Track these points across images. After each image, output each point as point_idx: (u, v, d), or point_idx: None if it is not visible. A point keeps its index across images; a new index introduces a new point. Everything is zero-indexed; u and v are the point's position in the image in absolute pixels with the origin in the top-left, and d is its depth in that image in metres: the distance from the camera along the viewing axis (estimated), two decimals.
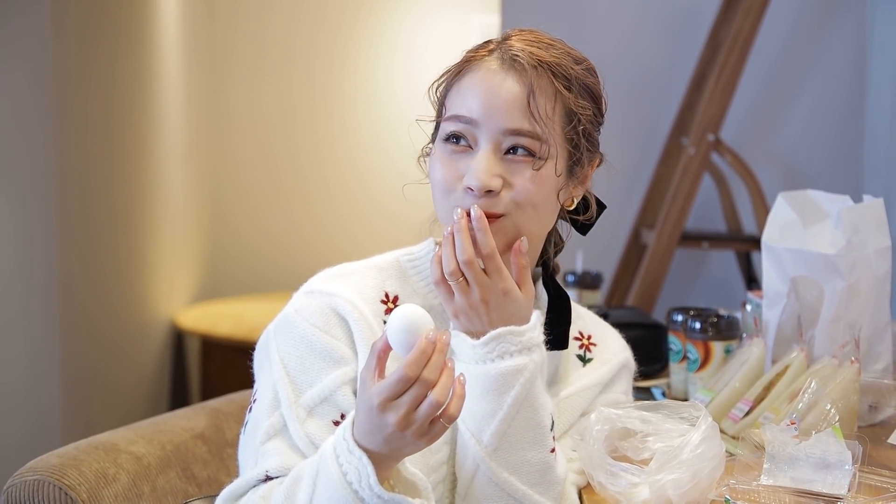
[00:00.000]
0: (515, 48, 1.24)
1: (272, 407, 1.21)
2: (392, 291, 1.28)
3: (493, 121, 1.21)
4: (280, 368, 1.22)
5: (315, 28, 4.73)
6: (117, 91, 3.45)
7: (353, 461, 1.09)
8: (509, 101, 1.21)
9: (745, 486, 1.30)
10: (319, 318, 1.24)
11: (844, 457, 1.30)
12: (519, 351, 1.21)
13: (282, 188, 4.80)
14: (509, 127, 1.21)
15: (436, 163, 1.24)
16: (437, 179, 1.23)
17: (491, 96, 1.21)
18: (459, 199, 1.22)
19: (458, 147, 1.22)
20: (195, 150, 4.47)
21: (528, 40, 1.26)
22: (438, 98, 1.28)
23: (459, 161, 1.22)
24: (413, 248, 1.33)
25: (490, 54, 1.25)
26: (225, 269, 4.80)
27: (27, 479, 1.34)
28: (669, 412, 1.32)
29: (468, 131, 1.22)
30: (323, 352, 1.22)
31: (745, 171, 2.58)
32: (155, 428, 1.54)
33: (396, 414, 1.05)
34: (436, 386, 1.06)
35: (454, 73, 1.26)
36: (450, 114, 1.23)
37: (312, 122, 4.78)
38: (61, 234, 2.94)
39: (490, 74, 1.23)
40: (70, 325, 3.01)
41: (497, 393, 1.20)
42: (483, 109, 1.21)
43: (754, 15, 2.49)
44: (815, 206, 1.71)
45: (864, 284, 1.64)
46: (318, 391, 1.21)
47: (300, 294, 1.28)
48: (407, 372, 1.05)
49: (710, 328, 1.74)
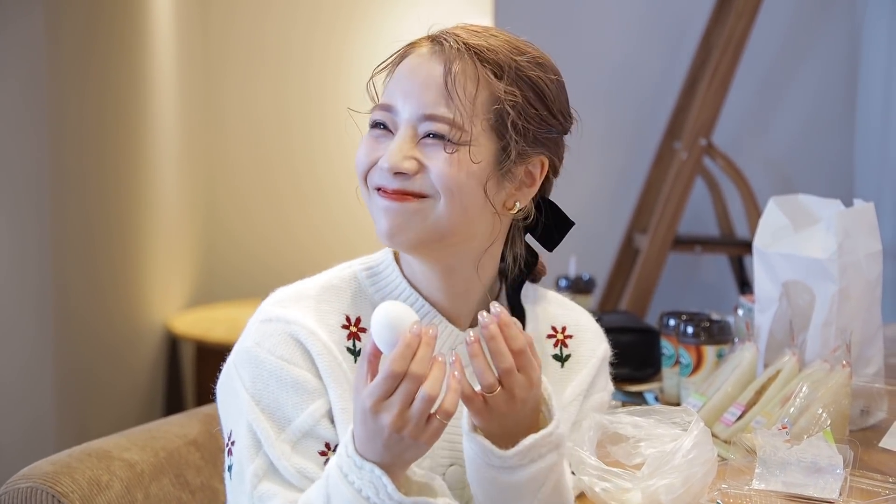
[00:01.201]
0: (447, 35, 1.23)
1: (254, 448, 1.17)
2: (353, 314, 1.23)
3: (410, 106, 1.19)
4: (253, 407, 1.17)
5: (309, 31, 4.73)
6: (111, 95, 3.45)
7: (365, 475, 1.06)
8: (426, 84, 1.18)
9: (736, 490, 1.30)
10: (283, 348, 1.19)
11: (836, 461, 1.30)
12: (549, 451, 1.14)
13: (276, 192, 4.79)
14: (424, 112, 1.18)
15: (360, 147, 1.24)
16: (356, 161, 1.23)
17: (410, 81, 1.20)
18: (373, 177, 1.21)
19: (381, 132, 1.22)
20: (189, 153, 4.47)
21: (468, 30, 1.24)
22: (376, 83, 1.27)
23: (376, 144, 1.22)
24: (370, 260, 1.28)
25: (425, 42, 1.24)
26: (219, 273, 4.79)
27: (20, 486, 1.34)
28: (661, 417, 1.32)
29: (388, 118, 1.21)
30: (294, 385, 1.18)
31: (737, 176, 2.59)
32: (148, 434, 1.54)
33: (390, 414, 1.03)
34: (429, 380, 1.02)
35: (395, 63, 1.24)
36: (376, 103, 1.24)
37: (307, 125, 4.78)
38: (55, 238, 2.94)
39: (416, 59, 1.22)
40: (64, 331, 3.01)
41: (529, 492, 1.15)
42: (402, 95, 1.20)
43: (746, 20, 2.50)
44: (807, 210, 1.72)
45: (856, 289, 1.64)
46: (299, 426, 1.17)
47: (257, 323, 1.22)
48: (393, 367, 1.02)
49: (703, 332, 1.75)
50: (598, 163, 2.86)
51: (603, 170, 2.87)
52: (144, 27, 3.78)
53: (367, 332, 1.21)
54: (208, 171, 4.73)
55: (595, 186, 2.88)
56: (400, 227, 1.18)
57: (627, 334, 2.03)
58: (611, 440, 1.30)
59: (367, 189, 1.23)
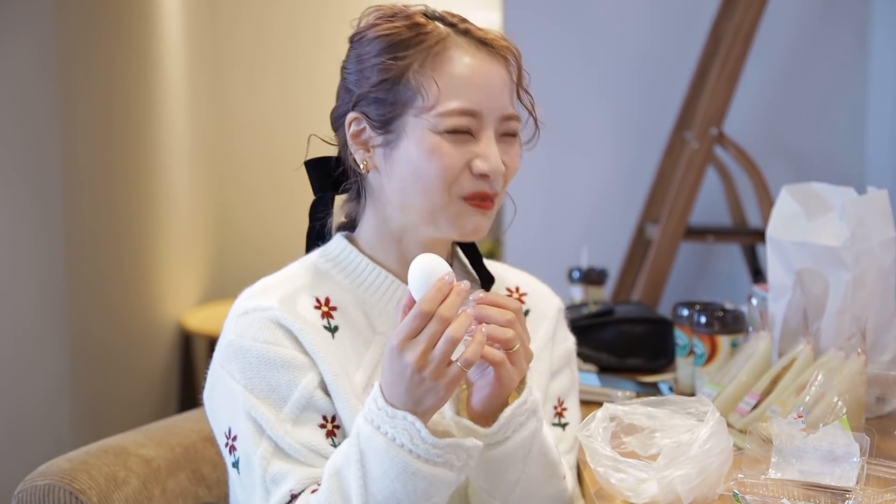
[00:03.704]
0: (488, 33, 1.25)
1: (257, 435, 1.19)
2: (322, 295, 1.27)
3: (494, 109, 1.22)
4: (247, 396, 1.19)
5: (317, 27, 4.74)
6: (122, 95, 3.46)
7: (398, 423, 1.09)
8: (502, 87, 1.23)
9: (753, 479, 1.30)
10: (265, 333, 1.22)
11: (852, 449, 1.30)
12: (528, 418, 1.21)
13: (286, 188, 4.80)
14: (504, 114, 1.23)
15: (432, 153, 1.20)
16: (437, 169, 1.20)
17: (487, 86, 1.22)
18: (466, 185, 1.21)
19: (465, 136, 1.21)
20: (199, 151, 4.48)
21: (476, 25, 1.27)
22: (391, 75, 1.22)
23: (460, 149, 1.21)
24: (324, 250, 1.32)
25: (455, 34, 1.24)
26: (231, 269, 4.80)
27: (38, 483, 1.34)
28: (676, 407, 1.32)
29: (473, 124, 1.22)
30: (284, 363, 1.21)
31: (749, 165, 2.58)
32: (164, 430, 1.55)
33: (414, 352, 1.07)
34: (455, 324, 1.07)
35: (422, 55, 1.21)
36: (453, 108, 1.20)
37: (316, 121, 4.76)
38: (69, 237, 2.95)
39: (475, 61, 1.23)
40: (78, 328, 3.02)
41: (517, 461, 1.21)
42: (485, 99, 1.21)
43: (756, 8, 2.49)
44: (820, 198, 1.71)
45: (870, 276, 1.64)
46: (296, 401, 1.20)
47: (233, 318, 1.25)
48: (422, 307, 1.07)
49: (716, 322, 1.74)
50: (609, 154, 2.85)
51: (614, 161, 2.86)
52: (153, 25, 3.79)
53: (338, 310, 1.27)
54: (219, 169, 4.74)
55: (606, 177, 2.87)
56: (485, 229, 1.25)
57: (641, 325, 2.03)
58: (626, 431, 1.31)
59: (448, 196, 1.22)
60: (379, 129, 1.24)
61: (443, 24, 1.24)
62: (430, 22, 1.24)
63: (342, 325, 1.26)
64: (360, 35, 1.27)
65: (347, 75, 1.28)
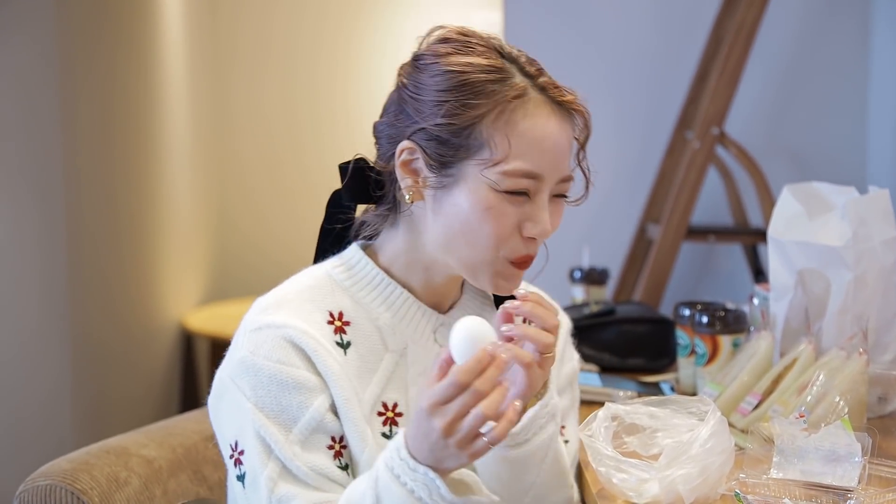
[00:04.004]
0: (564, 93, 1.21)
1: (265, 454, 1.17)
2: (335, 309, 1.25)
3: (555, 174, 1.20)
4: (256, 414, 1.18)
5: (318, 28, 4.74)
6: (122, 94, 3.46)
7: (419, 477, 1.08)
8: (566, 153, 1.21)
9: (754, 479, 1.30)
10: (279, 352, 1.20)
11: (854, 449, 1.30)
12: (548, 421, 1.22)
13: (287, 189, 4.80)
14: (563, 175, 1.21)
15: (486, 211, 1.17)
16: (490, 229, 1.18)
17: (555, 151, 1.19)
18: (514, 248, 1.19)
19: (518, 197, 1.19)
20: (200, 152, 4.48)
21: (552, 78, 1.22)
22: (460, 121, 1.17)
23: (514, 209, 1.18)
24: (340, 259, 1.30)
25: (532, 89, 1.19)
26: (232, 270, 4.81)
27: (39, 484, 1.35)
28: (678, 407, 1.32)
29: (533, 186, 1.19)
30: (296, 385, 1.19)
31: (750, 164, 2.58)
32: (165, 431, 1.55)
33: (443, 419, 1.05)
34: (488, 399, 1.05)
35: (499, 108, 1.17)
36: (518, 168, 1.16)
37: (316, 121, 4.78)
38: (70, 237, 2.95)
39: (549, 123, 1.19)
40: (79, 329, 3.02)
41: (534, 464, 1.22)
42: (549, 164, 1.18)
43: (757, 7, 2.49)
44: (821, 198, 1.71)
45: (871, 276, 1.64)
46: (306, 424, 1.18)
47: (247, 333, 1.23)
48: (459, 378, 1.05)
49: (718, 322, 1.74)
50: (611, 153, 2.85)
51: (615, 160, 2.86)
52: (154, 27, 3.79)
53: (351, 325, 1.24)
54: (219, 170, 4.74)
55: (607, 177, 2.87)
56: (516, 285, 1.23)
57: (642, 325, 2.03)
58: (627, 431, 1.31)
59: (495, 254, 1.20)
60: (434, 169, 1.19)
61: (520, 73, 1.20)
62: (507, 66, 1.20)
63: (354, 340, 1.24)
64: (429, 60, 1.22)
65: (407, 96, 1.23)
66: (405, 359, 1.26)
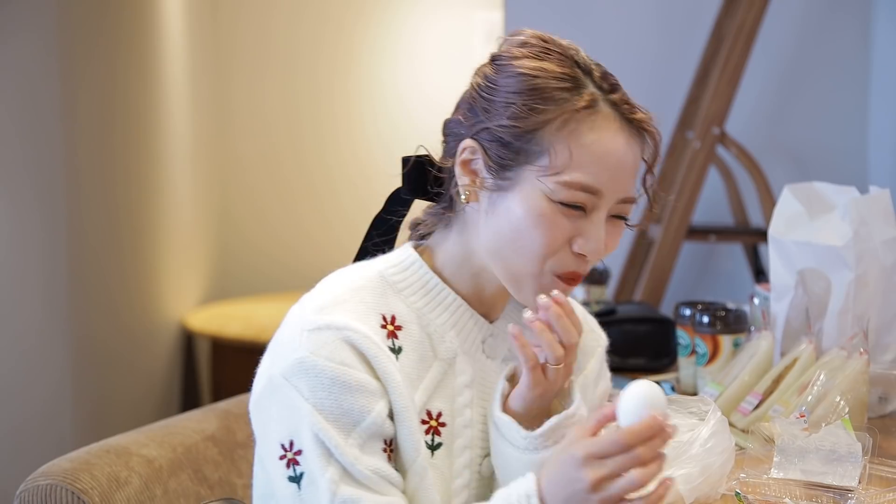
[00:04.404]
0: (636, 111, 1.19)
1: (325, 457, 1.14)
2: (388, 312, 1.21)
3: (616, 192, 1.17)
4: (316, 416, 1.14)
5: (318, 28, 4.74)
6: (122, 94, 3.46)
7: None
8: (631, 173, 1.18)
9: (755, 479, 1.30)
10: (341, 354, 1.16)
11: (854, 449, 1.30)
12: (570, 430, 1.18)
13: (288, 188, 4.80)
14: (625, 196, 1.18)
15: (539, 221, 1.15)
16: (540, 238, 1.15)
17: (619, 168, 1.16)
18: (563, 262, 1.17)
19: (575, 212, 1.16)
20: (201, 152, 4.48)
21: (626, 94, 1.20)
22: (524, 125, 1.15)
23: (568, 222, 1.16)
24: (392, 259, 1.26)
25: (603, 103, 1.17)
26: (233, 270, 4.81)
27: (39, 483, 1.34)
28: (678, 407, 1.32)
29: (590, 202, 1.16)
30: (359, 388, 1.15)
31: (751, 164, 2.58)
32: (166, 430, 1.55)
33: (595, 473, 1.03)
34: (645, 467, 1.03)
35: (565, 116, 1.15)
36: (577, 181, 1.14)
37: (317, 121, 4.78)
38: (71, 236, 2.95)
39: (616, 139, 1.16)
40: (79, 329, 3.02)
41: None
42: (611, 182, 1.15)
43: (758, 7, 2.49)
44: (822, 198, 1.71)
45: (872, 276, 1.64)
46: (367, 428, 1.15)
47: (304, 332, 1.17)
48: (626, 438, 1.03)
49: (719, 322, 1.74)
50: None
51: None
52: (154, 26, 3.79)
53: (403, 330, 1.21)
54: (220, 169, 4.74)
55: None
56: None
57: (643, 325, 2.03)
58: None
59: (541, 267, 1.17)
60: (493, 171, 1.17)
61: (593, 84, 1.17)
62: (580, 76, 1.17)
63: (405, 346, 1.21)
64: (504, 61, 1.19)
65: (478, 94, 1.20)
66: (453, 368, 1.23)
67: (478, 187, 1.19)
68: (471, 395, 1.24)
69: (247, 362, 1.28)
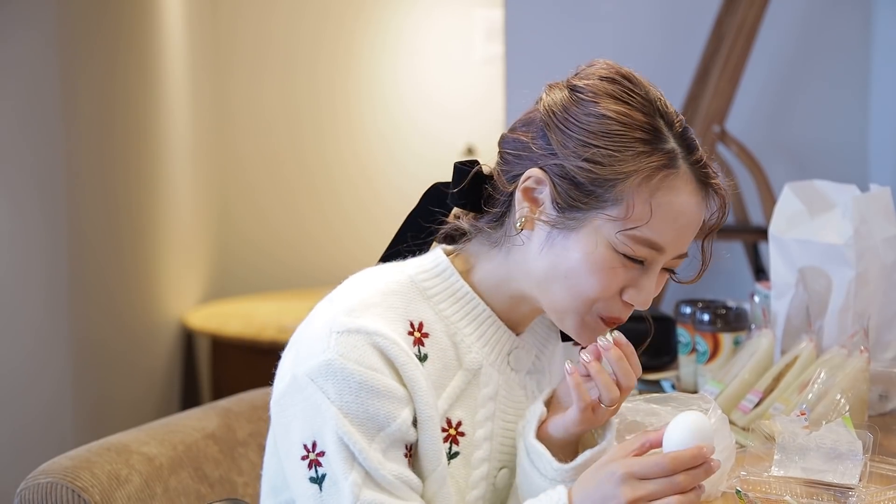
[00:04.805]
0: (713, 176, 1.17)
1: (349, 461, 1.14)
2: (416, 319, 1.20)
3: (677, 250, 1.17)
4: (341, 419, 1.13)
5: (318, 26, 4.73)
6: (122, 93, 3.46)
7: None
8: (695, 230, 1.18)
9: (756, 477, 1.30)
10: (370, 359, 1.14)
11: (855, 446, 1.30)
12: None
13: (288, 187, 4.80)
14: (683, 252, 1.18)
15: (599, 268, 1.14)
16: (595, 286, 1.14)
17: (687, 228, 1.16)
18: (610, 307, 1.17)
19: (633, 265, 1.15)
20: (201, 150, 4.48)
21: (703, 154, 1.18)
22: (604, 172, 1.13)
23: (625, 273, 1.15)
24: (423, 263, 1.24)
25: (682, 161, 1.15)
26: (233, 268, 4.81)
27: (40, 481, 1.34)
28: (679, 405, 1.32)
29: (652, 257, 1.15)
30: (386, 393, 1.15)
31: (752, 162, 2.58)
32: (166, 429, 1.55)
33: (633, 492, 1.04)
34: (684, 495, 1.04)
35: (646, 172, 1.13)
36: (647, 237, 1.13)
37: (317, 120, 4.78)
38: (71, 235, 2.95)
39: (690, 201, 1.15)
40: (79, 328, 3.02)
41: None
42: (676, 241, 1.15)
43: (758, 5, 2.48)
44: (822, 196, 1.71)
45: (873, 273, 1.64)
46: (391, 433, 1.15)
47: (333, 334, 1.16)
48: (670, 464, 1.04)
49: (719, 320, 1.74)
50: None
51: None
52: (154, 25, 3.79)
53: (429, 337, 1.21)
54: (220, 168, 4.74)
55: None
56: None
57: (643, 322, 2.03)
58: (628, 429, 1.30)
59: (589, 308, 1.17)
60: (559, 208, 1.15)
61: (674, 139, 1.15)
62: (663, 129, 1.15)
63: (431, 353, 1.20)
64: (585, 97, 1.17)
65: (553, 123, 1.17)
66: (478, 379, 1.23)
67: (537, 218, 1.17)
68: (493, 408, 1.23)
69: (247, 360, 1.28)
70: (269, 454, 1.29)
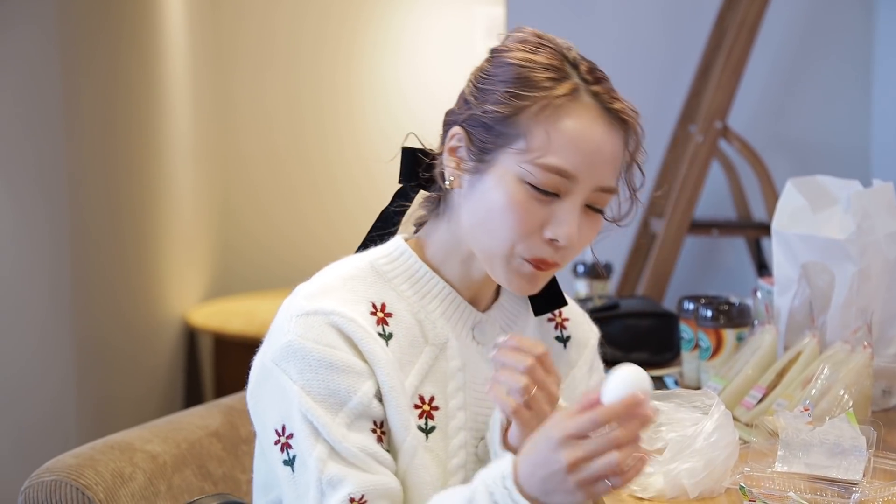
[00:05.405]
0: (615, 100, 1.20)
1: (313, 437, 1.16)
2: (378, 300, 1.24)
3: (592, 179, 1.18)
4: (304, 397, 1.17)
5: (320, 24, 4.73)
6: (124, 91, 3.46)
7: None
8: (610, 160, 1.19)
9: (759, 473, 1.30)
10: (328, 337, 1.19)
11: (859, 442, 1.30)
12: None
13: (290, 184, 4.80)
14: (602, 185, 1.19)
15: (511, 203, 1.17)
16: (510, 222, 1.17)
17: (596, 155, 1.17)
18: (532, 247, 1.18)
19: (546, 197, 1.17)
20: (203, 148, 4.48)
21: (612, 87, 1.22)
22: (506, 110, 1.18)
23: (541, 207, 1.17)
24: (384, 251, 1.28)
25: (584, 93, 1.18)
26: (235, 266, 4.81)
27: (44, 479, 1.35)
28: (682, 401, 1.32)
29: (564, 186, 1.17)
30: (345, 368, 1.18)
31: (754, 158, 2.58)
32: (170, 426, 1.55)
33: (572, 453, 1.02)
34: (624, 447, 1.02)
35: (545, 102, 1.17)
36: (551, 164, 1.15)
37: (319, 117, 4.78)
38: (73, 233, 2.96)
39: (594, 127, 1.18)
40: (82, 326, 3.02)
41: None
42: (586, 168, 1.16)
43: (760, 0, 2.48)
44: (825, 191, 1.71)
45: (875, 269, 1.64)
46: (354, 407, 1.18)
47: (293, 318, 1.20)
48: (601, 416, 1.02)
49: (722, 316, 1.74)
50: None
51: None
52: (156, 23, 3.79)
53: (393, 317, 1.24)
54: (222, 166, 4.74)
55: None
56: (534, 290, 1.23)
57: (646, 319, 2.03)
58: None
59: (511, 250, 1.19)
60: (474, 155, 1.20)
61: (577, 76, 1.19)
62: (567, 68, 1.19)
63: (396, 332, 1.23)
64: (499, 53, 1.23)
65: (472, 84, 1.23)
66: (445, 353, 1.26)
67: (461, 171, 1.22)
68: (463, 379, 1.26)
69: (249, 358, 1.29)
70: (257, 453, 1.31)
